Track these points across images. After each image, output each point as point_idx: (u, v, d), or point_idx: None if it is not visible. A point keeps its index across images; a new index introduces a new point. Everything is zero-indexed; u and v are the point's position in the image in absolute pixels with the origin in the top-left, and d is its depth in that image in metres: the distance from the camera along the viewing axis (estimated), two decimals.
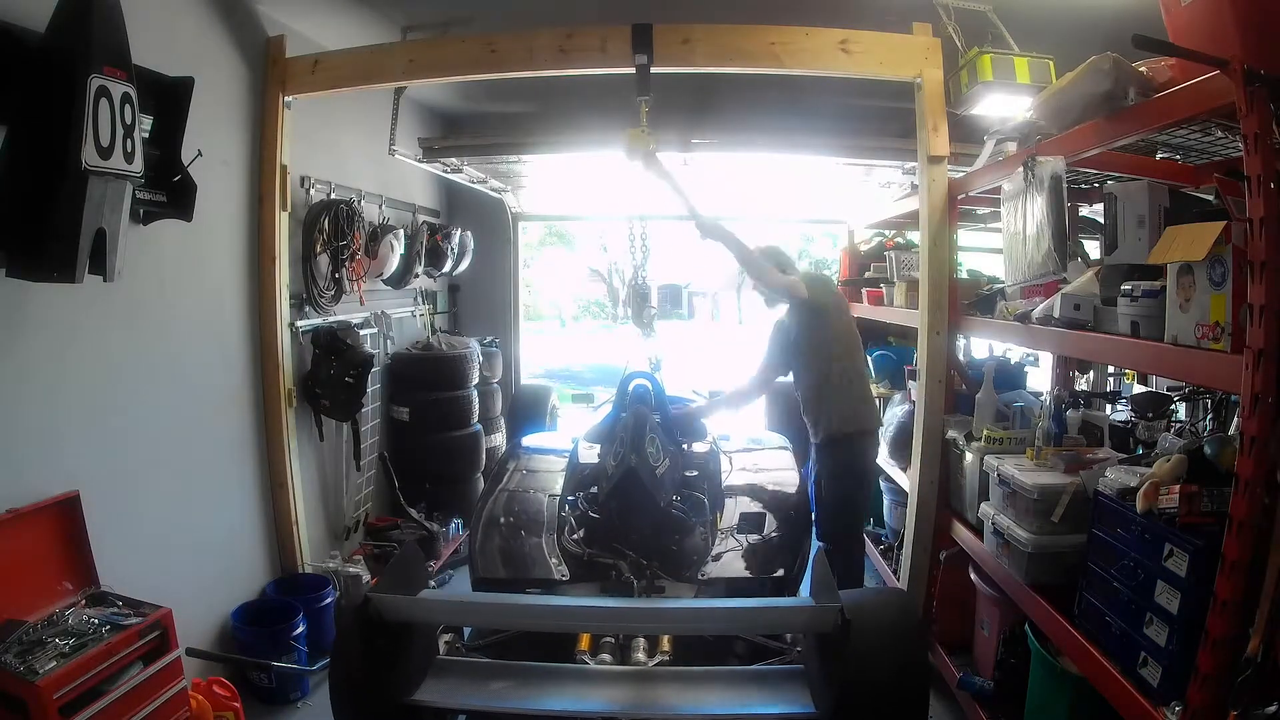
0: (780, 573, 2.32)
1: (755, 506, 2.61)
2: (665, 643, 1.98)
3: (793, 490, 2.77)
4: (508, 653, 2.05)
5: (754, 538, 2.45)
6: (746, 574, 2.31)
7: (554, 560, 2.33)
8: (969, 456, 2.74)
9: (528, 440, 3.29)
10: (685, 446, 2.88)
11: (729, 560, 2.35)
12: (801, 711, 1.73)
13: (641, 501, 2.24)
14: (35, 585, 2.05)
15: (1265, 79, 1.41)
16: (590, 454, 2.76)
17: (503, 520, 2.53)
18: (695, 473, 2.74)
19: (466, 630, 2.22)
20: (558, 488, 2.67)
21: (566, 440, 3.07)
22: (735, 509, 2.59)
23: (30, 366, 2.12)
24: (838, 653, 1.63)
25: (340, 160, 3.81)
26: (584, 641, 1.98)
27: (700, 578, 2.27)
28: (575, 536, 2.38)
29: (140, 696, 2.04)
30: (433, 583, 3.78)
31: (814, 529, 2.94)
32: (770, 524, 2.51)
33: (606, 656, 1.93)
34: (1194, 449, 1.79)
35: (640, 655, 1.93)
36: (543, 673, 1.86)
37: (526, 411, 4.57)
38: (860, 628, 1.62)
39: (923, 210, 2.99)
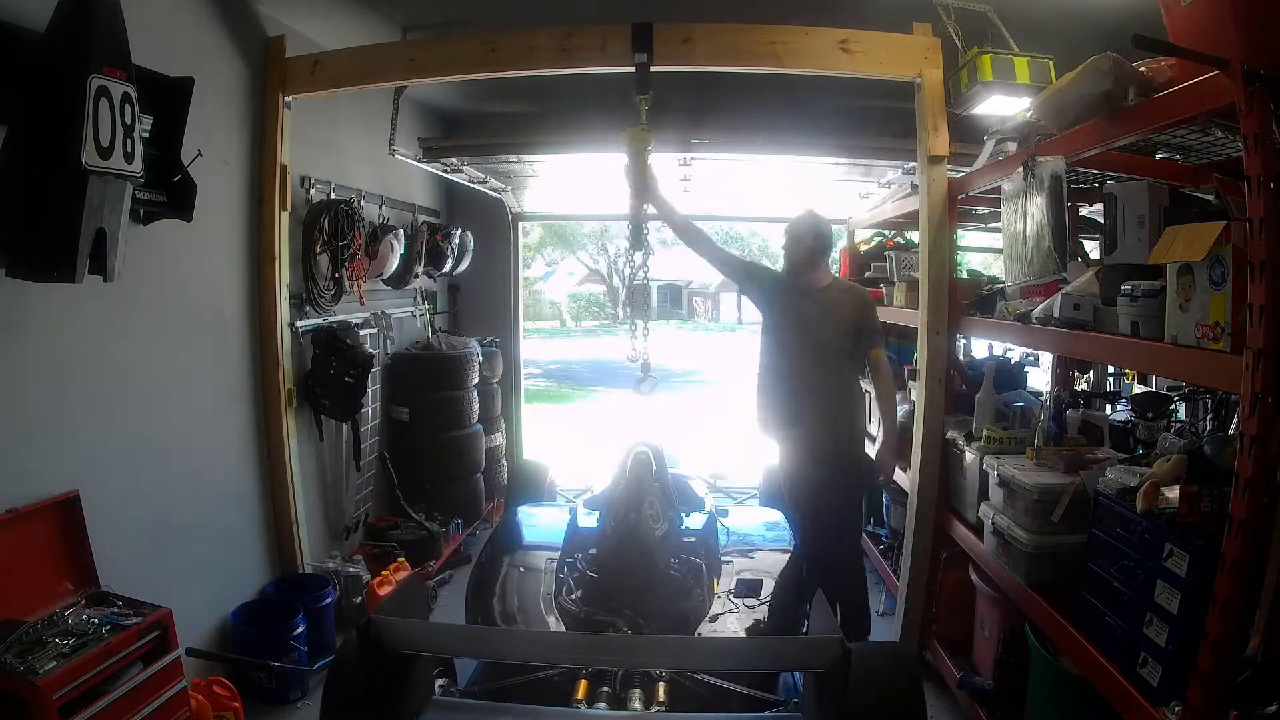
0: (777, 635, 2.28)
1: (753, 574, 2.59)
2: (661, 693, 1.96)
3: (789, 557, 2.75)
4: (503, 700, 2.01)
5: (751, 601, 2.42)
6: (743, 636, 2.26)
7: (551, 618, 2.32)
8: (969, 456, 2.75)
9: (523, 515, 3.15)
10: (684, 515, 2.92)
11: (725, 622, 2.33)
12: None
13: (639, 561, 2.27)
14: (35, 585, 2.05)
15: (1265, 79, 1.41)
16: (589, 520, 2.80)
17: (499, 577, 2.53)
18: (693, 539, 2.76)
19: (461, 678, 2.21)
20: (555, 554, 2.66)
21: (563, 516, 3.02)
22: (733, 575, 2.59)
23: (30, 366, 2.12)
24: (838, 691, 1.57)
25: (340, 160, 3.81)
26: (581, 690, 1.97)
27: (700, 633, 2.26)
28: (573, 596, 2.38)
29: (140, 696, 2.04)
30: (432, 582, 3.79)
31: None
32: (768, 590, 2.49)
33: (603, 705, 1.92)
34: (1194, 449, 1.79)
35: (636, 705, 1.92)
36: (539, 715, 1.86)
37: (525, 487, 4.12)
38: (860, 669, 1.57)
39: (923, 210, 2.99)
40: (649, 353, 3.03)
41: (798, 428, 3.03)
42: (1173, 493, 1.68)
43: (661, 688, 1.97)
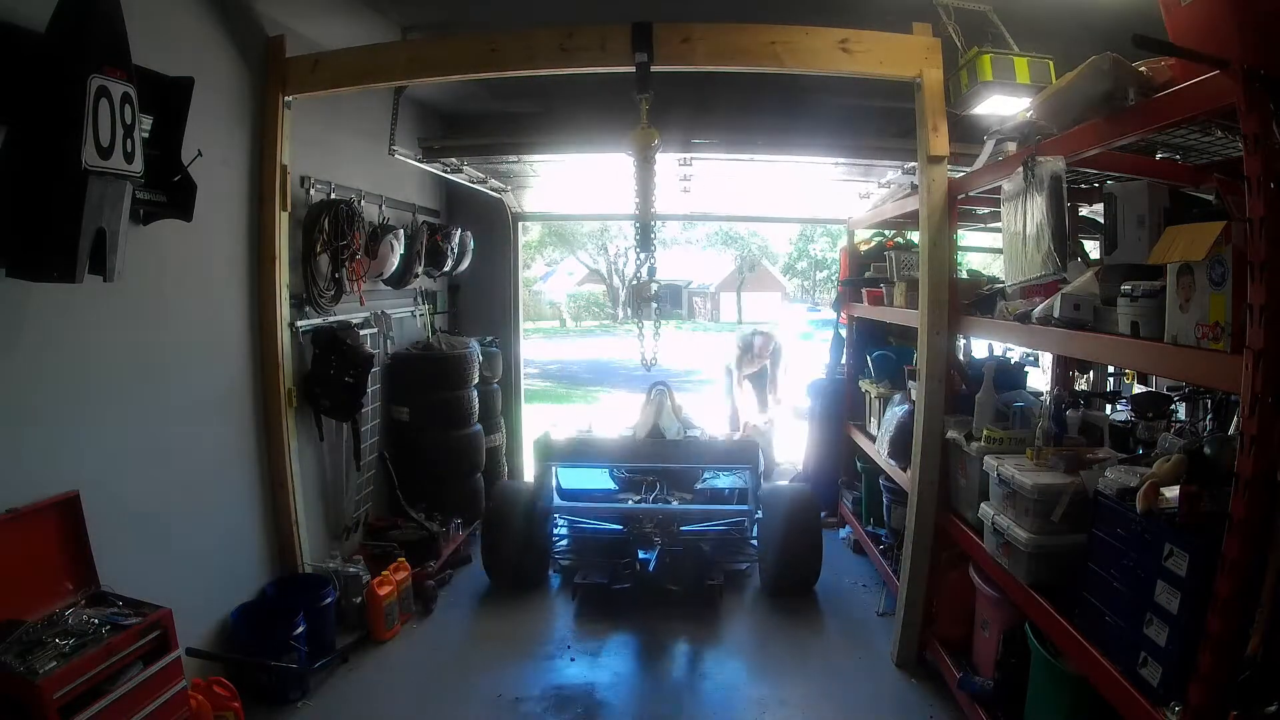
0: (743, 485, 4.41)
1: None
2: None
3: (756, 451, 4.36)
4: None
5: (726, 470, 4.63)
6: (722, 488, 4.55)
7: (612, 484, 4.55)
8: (969, 456, 2.74)
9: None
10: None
11: (711, 482, 4.63)
12: (745, 508, 4.16)
13: (660, 443, 4.21)
14: (35, 585, 2.05)
15: (1265, 79, 1.42)
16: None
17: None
18: (697, 432, 4.85)
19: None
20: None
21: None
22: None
23: (30, 366, 2.12)
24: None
25: (340, 160, 3.81)
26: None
27: (696, 488, 4.49)
28: (624, 469, 4.48)
29: (140, 696, 2.04)
30: (432, 583, 3.79)
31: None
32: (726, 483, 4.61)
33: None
34: (1194, 449, 1.80)
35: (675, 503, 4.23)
36: (615, 505, 4.27)
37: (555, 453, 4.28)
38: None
39: (923, 210, 2.99)
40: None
41: None
42: (1173, 493, 1.69)
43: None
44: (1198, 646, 1.51)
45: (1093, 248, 3.22)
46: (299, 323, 3.38)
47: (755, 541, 4.17)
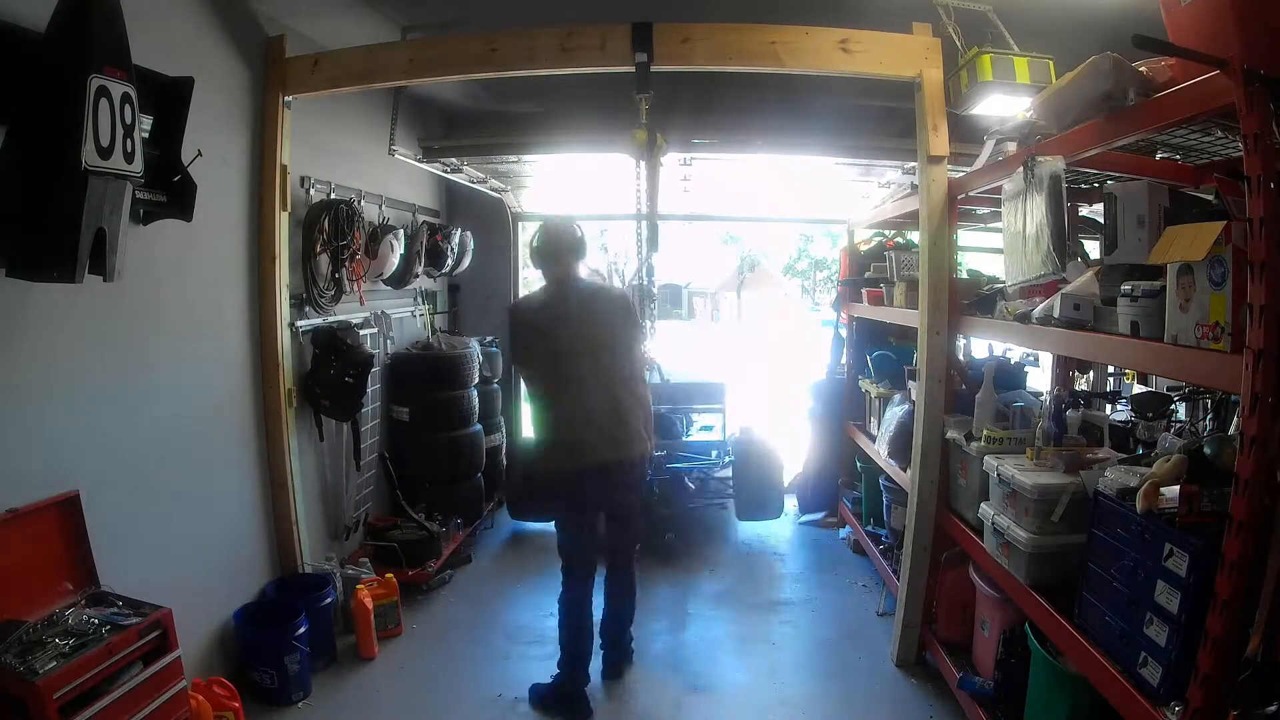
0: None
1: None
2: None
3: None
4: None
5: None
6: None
7: None
8: (969, 456, 2.74)
9: None
10: None
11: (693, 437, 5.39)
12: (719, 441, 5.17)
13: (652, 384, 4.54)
14: (35, 585, 2.04)
15: (1265, 79, 1.41)
16: None
17: None
18: None
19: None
20: None
21: None
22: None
23: (30, 366, 2.12)
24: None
25: (340, 160, 3.81)
26: None
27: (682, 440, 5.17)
28: None
29: (140, 696, 2.03)
30: (432, 583, 3.79)
31: None
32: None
33: None
34: (1194, 449, 1.79)
35: None
36: None
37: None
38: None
39: (923, 210, 2.99)
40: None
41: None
42: (1173, 493, 1.69)
43: None
44: (1198, 646, 1.51)
45: (1093, 248, 3.22)
46: (299, 323, 3.38)
47: (730, 482, 4.89)
